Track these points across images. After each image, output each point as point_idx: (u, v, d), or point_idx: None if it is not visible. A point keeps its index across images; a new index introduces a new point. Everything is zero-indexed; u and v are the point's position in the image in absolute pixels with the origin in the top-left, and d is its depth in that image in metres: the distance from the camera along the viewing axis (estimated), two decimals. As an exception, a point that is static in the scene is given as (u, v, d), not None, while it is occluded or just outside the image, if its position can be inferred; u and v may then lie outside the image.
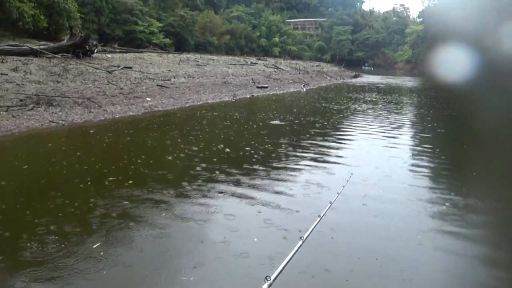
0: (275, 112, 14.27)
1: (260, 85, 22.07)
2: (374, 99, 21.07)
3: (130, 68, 19.53)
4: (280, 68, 32.61)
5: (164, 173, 6.77)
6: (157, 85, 16.95)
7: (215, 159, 7.68)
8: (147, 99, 14.48)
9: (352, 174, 6.09)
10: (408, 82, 41.69)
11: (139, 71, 19.16)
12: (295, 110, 15.71)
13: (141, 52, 31.55)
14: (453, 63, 41.59)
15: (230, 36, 72.84)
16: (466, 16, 44.58)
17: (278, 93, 21.64)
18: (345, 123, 13.29)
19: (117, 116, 11.81)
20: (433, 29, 58.33)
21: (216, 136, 10.13)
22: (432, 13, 63.52)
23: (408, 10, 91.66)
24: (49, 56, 18.95)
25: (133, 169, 6.91)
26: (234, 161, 7.74)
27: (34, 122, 10.45)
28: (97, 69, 17.84)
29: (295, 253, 2.59)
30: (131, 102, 13.62)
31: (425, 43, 64.47)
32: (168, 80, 18.42)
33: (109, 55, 23.20)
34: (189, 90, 17.35)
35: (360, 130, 11.79)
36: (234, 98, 17.49)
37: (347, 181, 5.30)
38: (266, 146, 8.93)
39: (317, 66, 44.73)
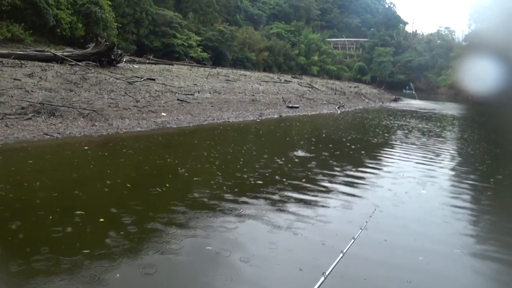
0: (300, 138, 12.76)
1: (290, 105, 20.61)
2: (415, 129, 19.26)
3: (154, 80, 18.45)
4: (315, 87, 31.08)
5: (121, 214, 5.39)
6: (178, 99, 15.74)
7: (204, 199, 6.26)
8: (162, 114, 13.26)
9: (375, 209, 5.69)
10: (452, 109, 39.31)
11: (162, 84, 18.04)
12: (324, 135, 14.18)
13: (171, 64, 30.61)
14: (501, 90, 39.02)
15: (268, 53, 71.80)
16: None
17: (310, 114, 20.13)
18: (378, 160, 11.65)
19: (122, 132, 10.61)
20: (480, 53, 55.53)
21: (217, 171, 7.82)
22: (478, 36, 60.74)
23: (453, 33, 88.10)
24: (72, 63, 18.11)
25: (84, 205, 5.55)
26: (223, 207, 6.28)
27: (27, 134, 9.35)
28: (117, 79, 16.81)
29: None
30: (143, 116, 12.42)
31: (470, 68, 61.52)
32: (191, 94, 17.21)
33: (136, 66, 22.31)
34: (212, 106, 16.08)
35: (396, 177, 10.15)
36: (260, 118, 16.10)
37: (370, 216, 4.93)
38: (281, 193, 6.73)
39: (355, 87, 42.91)
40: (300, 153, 10.02)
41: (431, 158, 11.19)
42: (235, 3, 74.87)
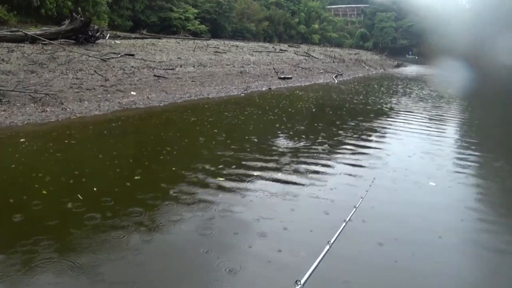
0: (288, 115, 11.03)
1: (282, 76, 18.82)
2: (418, 95, 17.44)
3: (133, 55, 16.72)
4: (312, 56, 29.10)
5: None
6: (154, 75, 14.05)
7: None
8: (132, 93, 11.62)
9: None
10: (456, 73, 37.11)
11: (141, 59, 16.32)
12: (314, 110, 12.47)
13: (159, 38, 28.67)
14: (506, 51, 36.62)
15: (268, 23, 69.20)
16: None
17: (303, 85, 18.36)
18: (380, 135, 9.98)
19: (76, 117, 8.99)
20: (483, 15, 52.65)
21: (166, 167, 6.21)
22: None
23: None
24: (45, 42, 16.38)
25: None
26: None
27: (-44, 126, 7.81)
28: (90, 56, 15.11)
29: (323, 257, 2.45)
30: (107, 97, 10.78)
31: (473, 31, 58.58)
32: (171, 69, 15.48)
33: (118, 41, 20.51)
34: (193, 81, 14.37)
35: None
36: (245, 91, 14.38)
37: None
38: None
39: (355, 54, 40.72)
40: (284, 141, 8.18)
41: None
42: (232, -27, 71.94)
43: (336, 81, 21.22)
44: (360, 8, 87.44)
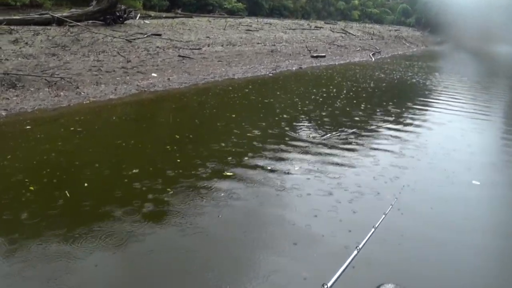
0: (314, 99, 10.10)
1: (315, 54, 17.80)
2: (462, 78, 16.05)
3: (160, 35, 16.13)
4: (349, 33, 27.72)
5: None
6: (179, 55, 13.41)
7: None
8: (153, 74, 11.03)
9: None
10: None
11: (168, 39, 15.71)
12: (345, 92, 11.49)
13: (191, 17, 27.97)
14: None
15: (306, 0, 67.36)
16: None
17: (337, 63, 17.30)
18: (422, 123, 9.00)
19: (88, 101, 8.47)
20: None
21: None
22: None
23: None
24: (72, 24, 16.02)
25: None
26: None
27: (-38, 112, 7.43)
28: (114, 37, 14.63)
29: (351, 261, 2.38)
30: (126, 79, 10.22)
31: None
32: (197, 49, 14.81)
33: (147, 21, 19.94)
34: (219, 61, 13.65)
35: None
36: (273, 71, 13.54)
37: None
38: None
39: (395, 30, 38.73)
40: (304, 133, 7.00)
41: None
42: (269, -51, 70.05)
43: (373, 59, 20.01)
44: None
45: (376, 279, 3.04)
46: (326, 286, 2.12)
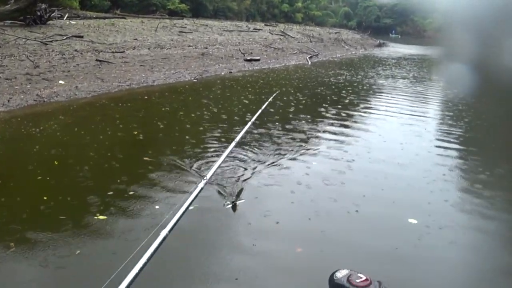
0: (230, 110, 9.26)
1: (249, 58, 17.02)
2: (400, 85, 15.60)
3: (81, 37, 14.84)
4: (288, 35, 27.17)
5: None
6: (97, 59, 12.24)
7: None
8: (60, 82, 9.82)
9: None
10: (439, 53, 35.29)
11: (89, 41, 14.47)
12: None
13: (124, 17, 26.59)
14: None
15: (250, 1, 66.75)
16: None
17: (271, 67, 16.60)
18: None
19: (-31, 115, 7.24)
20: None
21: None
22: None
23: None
24: (-16, 24, 14.47)
25: None
26: None
27: None
28: (27, 39, 13.25)
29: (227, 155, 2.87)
30: (25, 88, 8.98)
31: (458, 11, 56.42)
32: (120, 52, 13.67)
33: (73, 22, 18.50)
34: (141, 66, 12.56)
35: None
36: (199, 76, 12.59)
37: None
38: None
39: (335, 33, 38.67)
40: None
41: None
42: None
43: (309, 63, 19.46)
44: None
45: None
46: (205, 178, 2.33)
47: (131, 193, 4.41)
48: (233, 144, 4.00)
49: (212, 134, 6.77)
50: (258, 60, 17.19)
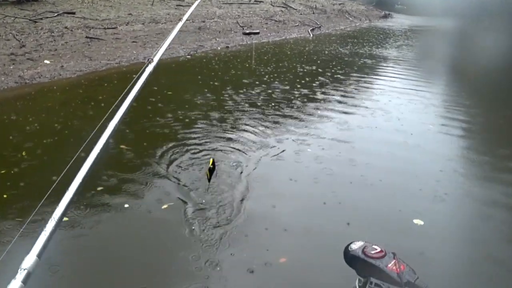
0: (222, 97, 8.69)
1: (248, 31, 16.34)
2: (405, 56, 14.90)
3: (73, 13, 14.23)
4: (290, 7, 26.23)
5: None
6: (87, 36, 11.69)
7: None
8: (45, 61, 9.33)
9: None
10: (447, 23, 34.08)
11: (81, 18, 13.87)
12: (257, 75, 10.15)
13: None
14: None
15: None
16: None
17: (271, 40, 15.94)
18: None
19: None
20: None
21: None
22: None
23: None
24: (-27, 1, 13.90)
25: None
26: None
27: None
28: (17, 17, 12.69)
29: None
30: (7, 70, 8.49)
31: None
32: (112, 28, 13.09)
33: (67, -3, 17.80)
34: (133, 42, 12.00)
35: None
36: (192, 52, 12.03)
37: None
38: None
39: (340, 4, 37.42)
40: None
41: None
42: None
43: (311, 35, 18.72)
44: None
45: None
46: (152, 61, 2.20)
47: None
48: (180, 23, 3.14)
49: (198, 124, 6.31)
50: (258, 33, 16.50)
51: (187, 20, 12.07)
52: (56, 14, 13.86)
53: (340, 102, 7.89)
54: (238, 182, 4.39)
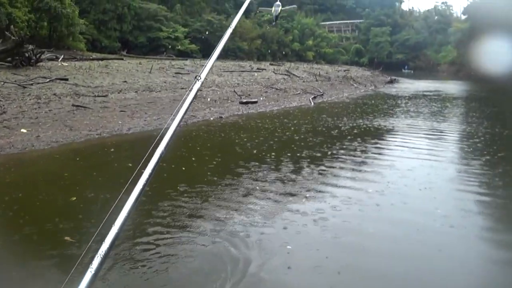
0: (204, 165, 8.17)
1: (245, 100, 16.09)
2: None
3: (66, 80, 14.13)
4: (293, 74, 26.40)
5: None
6: (73, 105, 11.40)
7: None
8: (22, 130, 8.93)
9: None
10: (456, 88, 34.07)
11: (73, 84, 13.75)
12: (246, 151, 9.61)
13: (121, 59, 26.16)
14: (505, 62, 33.49)
15: (261, 41, 66.91)
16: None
17: (269, 110, 15.58)
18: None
19: None
20: (480, 26, 49.58)
21: None
22: (478, 8, 54.74)
23: (451, 7, 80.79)
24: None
25: None
26: None
27: None
28: (6, 82, 12.54)
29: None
30: (-24, 140, 8.08)
31: (471, 42, 55.35)
32: (103, 96, 12.87)
33: (66, 63, 17.95)
34: (122, 111, 11.68)
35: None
36: (180, 124, 11.60)
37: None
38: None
39: (344, 70, 37.89)
40: None
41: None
42: (223, -8, 69.90)
43: (312, 104, 18.46)
44: (355, 24, 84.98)
45: None
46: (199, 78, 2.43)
47: None
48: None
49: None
50: (256, 102, 16.25)
51: (182, 88, 11.73)
52: (48, 80, 13.74)
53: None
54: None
